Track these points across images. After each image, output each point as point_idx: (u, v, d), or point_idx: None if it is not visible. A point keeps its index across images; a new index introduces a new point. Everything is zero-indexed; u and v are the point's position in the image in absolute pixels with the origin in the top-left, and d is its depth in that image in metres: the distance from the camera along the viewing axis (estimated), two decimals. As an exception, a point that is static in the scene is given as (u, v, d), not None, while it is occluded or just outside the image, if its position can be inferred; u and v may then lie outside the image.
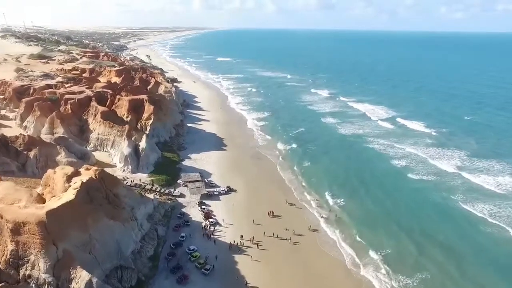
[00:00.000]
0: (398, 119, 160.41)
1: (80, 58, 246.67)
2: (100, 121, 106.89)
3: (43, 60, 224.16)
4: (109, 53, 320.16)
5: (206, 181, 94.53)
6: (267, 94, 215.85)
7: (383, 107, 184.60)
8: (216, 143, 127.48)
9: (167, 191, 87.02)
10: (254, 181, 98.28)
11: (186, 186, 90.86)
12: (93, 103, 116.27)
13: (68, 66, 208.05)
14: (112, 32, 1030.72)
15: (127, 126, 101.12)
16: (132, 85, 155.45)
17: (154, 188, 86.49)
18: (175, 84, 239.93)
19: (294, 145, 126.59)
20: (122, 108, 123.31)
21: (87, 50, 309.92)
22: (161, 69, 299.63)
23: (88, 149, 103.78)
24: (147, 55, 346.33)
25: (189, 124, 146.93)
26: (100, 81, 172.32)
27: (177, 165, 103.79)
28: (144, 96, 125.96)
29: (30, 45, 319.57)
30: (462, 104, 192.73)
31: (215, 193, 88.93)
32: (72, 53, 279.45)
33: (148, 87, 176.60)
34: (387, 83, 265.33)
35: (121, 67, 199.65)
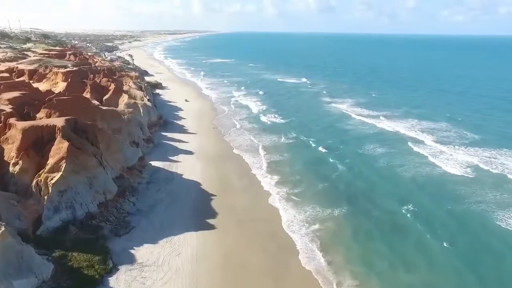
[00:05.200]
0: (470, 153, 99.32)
1: (34, 56, 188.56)
2: None
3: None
4: (83, 52, 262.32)
5: None
6: (274, 106, 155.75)
7: (428, 128, 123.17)
8: (196, 208, 67.17)
9: None
10: None
11: None
12: None
13: (3, 66, 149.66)
14: (110, 34, 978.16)
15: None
16: (66, 95, 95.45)
17: None
18: (157, 90, 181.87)
19: (342, 210, 66.65)
20: (13, 144, 63.97)
21: (54, 48, 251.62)
22: (145, 71, 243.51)
23: None
24: (129, 55, 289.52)
25: (155, 163, 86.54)
26: (32, 87, 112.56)
27: (93, 292, 44.05)
28: (59, 121, 65.87)
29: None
30: None
31: None
32: (28, 51, 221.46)
33: (104, 98, 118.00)
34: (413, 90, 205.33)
35: (73, 69, 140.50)
